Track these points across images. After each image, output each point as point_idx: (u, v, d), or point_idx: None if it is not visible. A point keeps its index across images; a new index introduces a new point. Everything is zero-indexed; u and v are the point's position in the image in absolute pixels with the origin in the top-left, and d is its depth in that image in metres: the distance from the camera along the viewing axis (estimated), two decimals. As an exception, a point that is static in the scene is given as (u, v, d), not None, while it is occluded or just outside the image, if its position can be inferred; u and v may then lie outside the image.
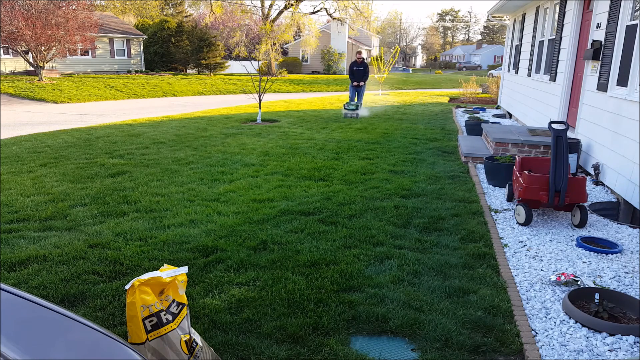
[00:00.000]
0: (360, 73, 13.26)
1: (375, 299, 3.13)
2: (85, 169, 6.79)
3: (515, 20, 14.06)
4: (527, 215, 4.54)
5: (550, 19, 9.71)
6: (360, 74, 13.26)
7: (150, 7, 47.57)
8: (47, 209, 4.92)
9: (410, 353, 2.63)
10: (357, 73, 13.27)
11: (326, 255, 3.82)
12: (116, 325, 2.82)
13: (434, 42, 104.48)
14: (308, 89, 26.87)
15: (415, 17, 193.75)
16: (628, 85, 5.50)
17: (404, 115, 13.86)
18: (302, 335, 2.72)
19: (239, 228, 4.42)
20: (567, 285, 3.35)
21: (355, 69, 13.26)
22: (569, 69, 8.09)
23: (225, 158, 7.54)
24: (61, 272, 3.49)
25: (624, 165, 5.32)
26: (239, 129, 10.79)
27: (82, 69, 27.93)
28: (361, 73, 13.26)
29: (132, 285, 2.13)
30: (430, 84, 33.77)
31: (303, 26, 39.21)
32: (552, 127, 4.71)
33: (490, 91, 21.14)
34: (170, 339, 2.15)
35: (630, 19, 5.71)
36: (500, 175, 5.97)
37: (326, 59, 44.63)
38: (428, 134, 10.17)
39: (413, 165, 7.11)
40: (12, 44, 20.07)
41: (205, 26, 34.71)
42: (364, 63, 13.24)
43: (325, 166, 7.00)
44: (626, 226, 4.65)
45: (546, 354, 2.60)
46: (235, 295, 3.17)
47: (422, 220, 4.69)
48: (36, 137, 9.55)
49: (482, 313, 2.98)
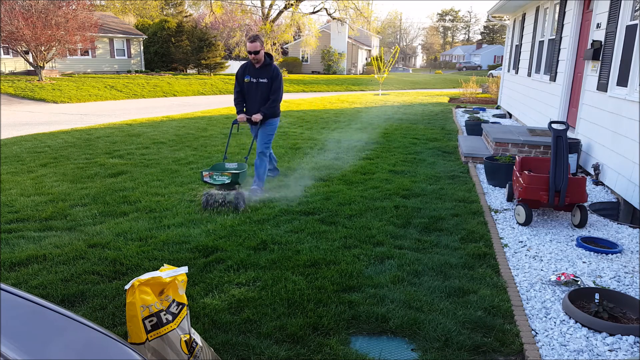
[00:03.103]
0: (257, 91, 5.49)
1: (375, 299, 3.13)
2: (85, 169, 6.78)
3: (515, 20, 14.06)
4: (527, 215, 4.54)
5: (550, 19, 9.71)
6: (257, 92, 5.50)
7: (150, 7, 47.57)
8: (47, 209, 4.92)
9: (410, 353, 2.63)
10: (252, 91, 5.52)
11: (326, 255, 3.82)
12: (116, 325, 2.82)
13: (434, 42, 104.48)
14: (308, 89, 26.86)
15: (415, 17, 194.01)
16: (628, 86, 5.50)
17: (404, 115, 13.86)
18: (302, 335, 2.72)
19: (239, 228, 4.42)
20: (567, 285, 3.35)
21: (248, 82, 5.50)
22: (569, 69, 8.09)
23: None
24: (61, 272, 3.49)
25: (624, 165, 5.32)
26: (239, 129, 10.78)
27: (82, 69, 27.92)
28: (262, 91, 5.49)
29: (132, 285, 2.12)
30: (430, 84, 33.77)
31: (303, 26, 39.22)
32: (552, 127, 4.71)
33: (490, 91, 21.14)
34: (170, 339, 2.15)
35: (630, 19, 5.71)
36: (500, 175, 5.97)
37: (326, 59, 44.63)
38: (428, 134, 10.17)
39: (413, 165, 7.11)
40: (12, 44, 20.06)
41: (205, 26, 34.70)
42: (269, 67, 5.47)
43: (325, 166, 7.00)
44: (626, 226, 4.65)
45: (546, 354, 2.60)
46: (235, 295, 3.17)
47: (422, 220, 4.69)
48: (36, 137, 9.55)
49: (482, 313, 2.98)
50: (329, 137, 9.75)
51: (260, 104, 5.50)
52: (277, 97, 5.53)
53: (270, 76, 5.45)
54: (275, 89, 5.49)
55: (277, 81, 5.47)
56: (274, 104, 5.53)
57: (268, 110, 5.48)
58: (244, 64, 5.57)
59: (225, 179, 4.91)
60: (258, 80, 5.47)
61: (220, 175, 4.92)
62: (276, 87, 5.48)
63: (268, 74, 5.45)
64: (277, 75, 5.47)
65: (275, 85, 5.47)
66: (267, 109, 5.47)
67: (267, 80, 5.44)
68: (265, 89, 5.47)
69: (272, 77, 5.45)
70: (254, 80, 5.47)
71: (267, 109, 5.47)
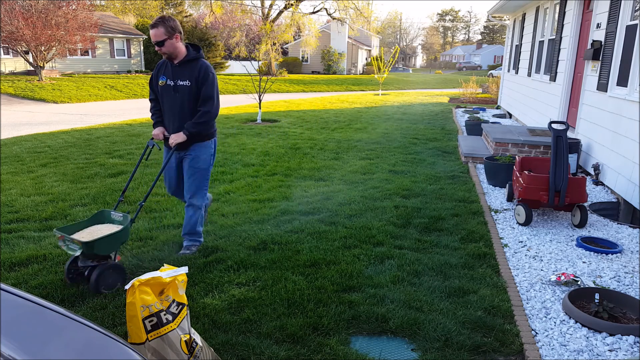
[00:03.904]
0: (176, 98, 3.73)
1: (375, 299, 3.13)
2: (85, 169, 6.78)
3: (515, 20, 14.06)
4: (527, 215, 4.54)
5: (550, 19, 9.71)
6: (177, 100, 3.74)
7: (150, 7, 47.53)
8: (47, 209, 4.92)
9: (410, 353, 2.63)
10: (169, 99, 3.76)
11: (326, 255, 3.82)
12: (116, 325, 2.82)
13: (434, 42, 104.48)
14: (308, 89, 26.86)
15: (415, 17, 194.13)
16: (628, 86, 5.50)
17: (404, 115, 13.85)
18: (302, 335, 2.72)
19: (238, 228, 4.42)
20: (567, 285, 3.35)
21: (163, 85, 3.76)
22: (569, 69, 8.09)
23: (225, 158, 7.54)
24: (61, 272, 3.49)
25: (624, 165, 5.32)
26: (239, 129, 10.79)
27: (82, 69, 27.92)
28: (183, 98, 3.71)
29: (132, 285, 2.13)
30: (430, 84, 33.77)
31: (303, 26, 39.23)
32: (552, 127, 4.71)
33: (490, 91, 21.14)
34: (170, 339, 2.15)
35: (630, 19, 5.71)
36: (500, 175, 5.97)
37: (326, 59, 44.64)
38: (428, 134, 10.17)
39: (413, 165, 7.11)
40: (12, 44, 20.06)
41: (205, 26, 34.72)
42: (193, 64, 3.71)
43: (325, 166, 7.00)
44: (626, 226, 4.65)
45: (546, 354, 2.60)
46: (235, 295, 3.17)
47: (422, 220, 4.69)
48: (36, 137, 9.55)
49: (482, 313, 2.98)
50: (329, 137, 9.75)
51: (183, 118, 3.72)
52: (209, 108, 3.70)
53: (194, 77, 3.65)
54: (206, 96, 3.68)
55: (208, 85, 3.67)
56: (204, 118, 3.68)
57: (195, 129, 3.67)
58: (160, 61, 3.85)
59: (76, 249, 3.13)
60: (176, 82, 3.68)
61: (72, 242, 3.14)
62: (206, 93, 3.67)
63: (191, 73, 3.66)
64: (205, 76, 3.67)
65: (205, 90, 3.67)
66: (193, 126, 3.67)
67: (189, 83, 3.66)
68: (188, 96, 3.68)
69: (198, 78, 3.65)
70: (170, 82, 3.70)
71: (194, 126, 3.67)
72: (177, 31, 3.61)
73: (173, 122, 3.77)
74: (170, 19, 3.60)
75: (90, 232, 3.31)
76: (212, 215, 4.76)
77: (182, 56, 3.69)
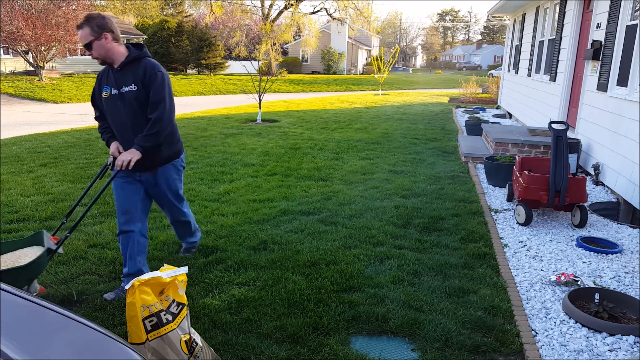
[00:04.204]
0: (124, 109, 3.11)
1: (375, 299, 3.13)
2: (85, 169, 6.78)
3: (515, 20, 14.06)
4: (527, 215, 4.54)
5: (550, 19, 9.71)
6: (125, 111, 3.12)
7: (150, 7, 47.54)
8: (47, 209, 4.92)
9: (410, 353, 2.63)
10: (116, 111, 3.14)
11: (326, 255, 3.82)
12: (116, 325, 2.82)
13: (434, 42, 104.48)
14: (308, 89, 26.86)
15: (415, 17, 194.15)
16: (628, 86, 5.50)
17: (404, 115, 13.85)
18: (302, 335, 2.72)
19: (239, 228, 4.42)
20: (567, 285, 3.35)
21: (107, 96, 3.12)
22: (569, 69, 8.09)
23: (225, 158, 7.55)
24: (61, 272, 3.49)
25: (624, 165, 5.32)
26: (239, 129, 10.79)
27: (82, 69, 27.91)
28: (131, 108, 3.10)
29: (132, 285, 2.13)
30: (430, 84, 33.77)
31: (303, 26, 39.22)
32: (552, 127, 4.71)
33: (490, 91, 21.14)
34: (170, 339, 2.15)
35: (630, 19, 5.71)
36: (500, 175, 5.97)
37: (326, 59, 44.63)
38: (428, 134, 10.17)
39: (413, 165, 7.11)
40: (12, 44, 20.06)
41: (205, 26, 34.71)
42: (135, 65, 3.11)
43: (325, 166, 7.00)
44: (626, 226, 4.65)
45: (546, 354, 2.59)
46: (235, 295, 3.17)
47: (422, 220, 4.69)
48: (36, 137, 9.55)
49: (482, 313, 2.98)
50: (329, 137, 9.75)
51: (138, 131, 3.11)
52: (159, 114, 3.07)
53: (139, 79, 3.07)
54: (155, 100, 3.07)
55: (156, 86, 3.08)
56: (156, 128, 3.06)
57: (148, 142, 3.05)
58: (100, 71, 3.23)
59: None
60: (121, 90, 3.08)
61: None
62: (156, 96, 3.07)
63: (135, 75, 3.08)
64: (152, 76, 3.08)
65: (154, 93, 3.07)
66: (145, 139, 3.05)
67: (135, 87, 3.07)
68: (137, 102, 3.08)
69: (144, 79, 3.07)
70: (115, 91, 3.09)
71: (146, 139, 3.05)
72: (105, 30, 3.02)
73: (128, 138, 3.14)
74: (98, 16, 3.01)
75: (18, 256, 2.90)
76: (212, 215, 4.76)
77: (121, 58, 3.08)
